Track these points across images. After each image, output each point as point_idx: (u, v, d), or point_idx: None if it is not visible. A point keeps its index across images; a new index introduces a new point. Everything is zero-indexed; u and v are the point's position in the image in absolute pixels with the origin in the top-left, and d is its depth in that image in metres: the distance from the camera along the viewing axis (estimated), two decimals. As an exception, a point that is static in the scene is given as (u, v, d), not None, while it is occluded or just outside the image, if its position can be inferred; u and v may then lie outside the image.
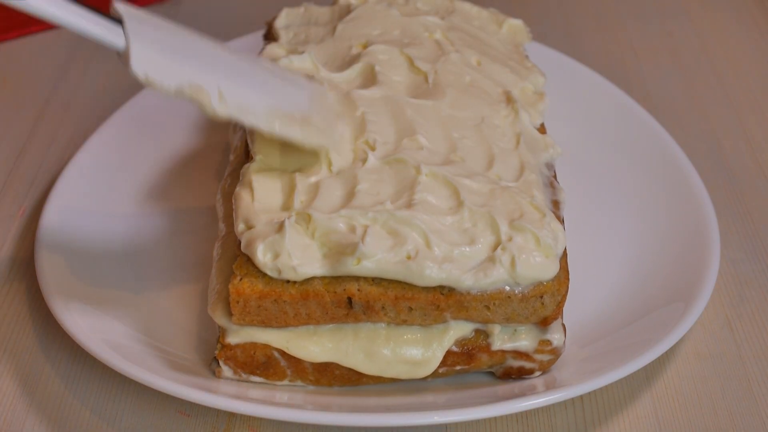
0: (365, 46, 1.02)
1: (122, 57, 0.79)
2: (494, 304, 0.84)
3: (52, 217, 0.99)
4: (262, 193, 0.88)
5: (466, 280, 0.83)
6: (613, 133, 1.13)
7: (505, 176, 0.90)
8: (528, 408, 0.83)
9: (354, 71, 0.99)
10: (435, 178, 0.88)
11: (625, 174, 1.08)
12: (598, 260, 0.99)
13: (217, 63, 0.86)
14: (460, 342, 0.87)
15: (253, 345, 0.86)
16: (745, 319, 0.97)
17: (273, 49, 1.05)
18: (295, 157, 0.90)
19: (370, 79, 0.98)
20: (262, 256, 0.83)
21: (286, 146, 0.89)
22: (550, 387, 0.86)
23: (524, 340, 0.87)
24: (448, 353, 0.87)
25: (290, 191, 0.87)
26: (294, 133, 0.87)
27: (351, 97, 0.95)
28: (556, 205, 0.92)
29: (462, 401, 0.86)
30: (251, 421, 0.88)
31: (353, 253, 0.82)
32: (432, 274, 0.82)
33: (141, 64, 0.79)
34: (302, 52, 1.03)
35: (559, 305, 0.86)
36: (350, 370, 0.87)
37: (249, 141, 0.93)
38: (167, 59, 0.81)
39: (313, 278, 0.83)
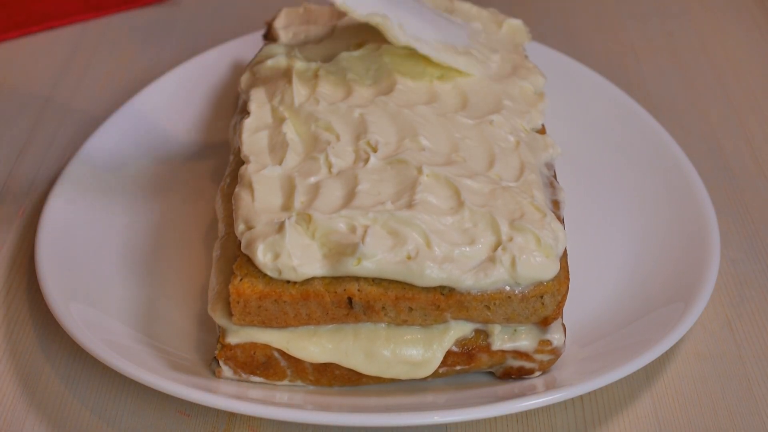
0: (361, 46, 1.03)
1: None
2: (494, 304, 0.84)
3: (52, 217, 0.99)
4: (262, 194, 0.88)
5: (467, 280, 0.83)
6: (613, 133, 1.13)
7: (505, 176, 0.90)
8: (528, 408, 0.83)
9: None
10: (436, 178, 0.88)
11: (625, 174, 1.08)
12: (598, 260, 0.99)
13: (397, 1, 1.01)
14: (460, 342, 0.87)
15: (253, 345, 0.86)
16: (745, 319, 0.97)
17: (272, 48, 1.05)
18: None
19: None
20: (262, 256, 0.83)
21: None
22: (550, 387, 0.86)
23: (524, 340, 0.87)
24: (448, 353, 0.87)
25: (290, 191, 0.87)
26: (458, 62, 1.00)
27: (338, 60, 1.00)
28: (556, 205, 0.92)
29: (462, 401, 0.86)
30: (251, 421, 0.88)
31: (353, 253, 0.82)
32: (432, 274, 0.82)
33: None
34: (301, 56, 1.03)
35: (560, 305, 0.86)
36: (350, 370, 0.87)
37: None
38: None
39: (313, 278, 0.83)
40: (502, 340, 0.87)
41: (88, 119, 1.18)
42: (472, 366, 0.88)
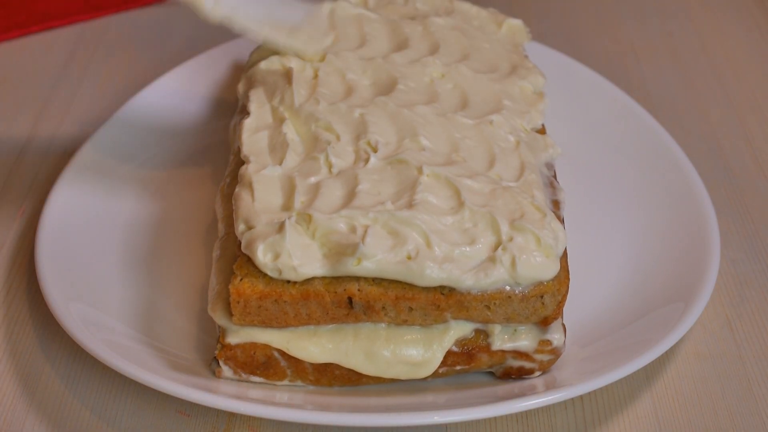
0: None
1: None
2: (494, 304, 0.84)
3: (52, 217, 0.99)
4: (262, 194, 0.88)
5: (467, 280, 0.83)
6: (613, 133, 1.13)
7: (505, 176, 0.90)
8: (528, 408, 0.83)
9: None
10: (436, 178, 0.88)
11: (625, 174, 1.08)
12: (598, 260, 0.99)
13: None
14: (460, 342, 0.87)
15: (253, 345, 0.86)
16: (745, 319, 0.97)
17: (262, 50, 1.05)
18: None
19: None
20: (262, 256, 0.83)
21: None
22: (550, 387, 0.86)
23: (524, 340, 0.87)
24: (448, 353, 0.87)
25: (290, 191, 0.87)
26: (279, 39, 0.99)
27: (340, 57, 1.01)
28: (556, 204, 0.92)
29: (462, 401, 0.86)
30: (251, 421, 0.88)
31: (354, 253, 0.82)
32: (432, 274, 0.82)
33: None
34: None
35: (560, 305, 0.86)
36: (350, 370, 0.87)
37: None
38: None
39: (313, 278, 0.83)
40: (502, 340, 0.87)
41: (88, 119, 1.18)
42: (472, 366, 0.88)
